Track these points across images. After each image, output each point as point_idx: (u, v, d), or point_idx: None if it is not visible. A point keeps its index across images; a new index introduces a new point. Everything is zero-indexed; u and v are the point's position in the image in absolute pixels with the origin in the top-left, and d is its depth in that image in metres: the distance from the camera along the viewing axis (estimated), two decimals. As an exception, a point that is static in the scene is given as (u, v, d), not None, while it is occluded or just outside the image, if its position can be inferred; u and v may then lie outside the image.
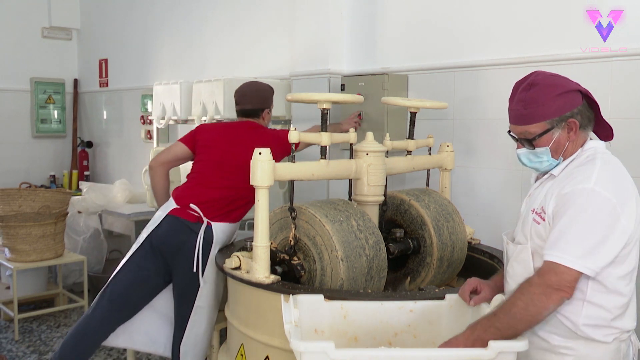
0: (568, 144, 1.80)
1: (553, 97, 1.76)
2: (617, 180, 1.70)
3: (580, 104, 1.78)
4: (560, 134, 1.79)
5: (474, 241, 2.98)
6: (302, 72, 4.03)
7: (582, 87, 1.80)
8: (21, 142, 6.49)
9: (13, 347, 4.15)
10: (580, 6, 2.89)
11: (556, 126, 1.78)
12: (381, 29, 3.80)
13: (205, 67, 5.07)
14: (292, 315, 1.79)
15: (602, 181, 1.65)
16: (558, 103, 1.76)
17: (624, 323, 1.73)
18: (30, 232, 4.35)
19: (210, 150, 3.00)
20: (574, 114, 1.77)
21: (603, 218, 1.63)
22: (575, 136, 1.80)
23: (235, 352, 2.43)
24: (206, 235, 2.82)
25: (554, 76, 1.82)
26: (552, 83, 1.79)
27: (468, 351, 1.69)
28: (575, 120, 1.78)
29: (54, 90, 6.65)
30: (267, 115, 3.19)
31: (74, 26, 6.70)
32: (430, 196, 2.80)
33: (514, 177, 3.17)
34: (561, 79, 1.81)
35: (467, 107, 3.39)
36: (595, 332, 1.70)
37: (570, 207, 1.64)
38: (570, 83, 1.80)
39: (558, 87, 1.77)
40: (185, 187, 2.97)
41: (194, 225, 2.83)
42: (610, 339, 1.71)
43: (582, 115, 1.79)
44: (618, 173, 1.73)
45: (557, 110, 1.77)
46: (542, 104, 1.77)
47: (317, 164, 2.42)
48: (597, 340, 1.70)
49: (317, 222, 2.29)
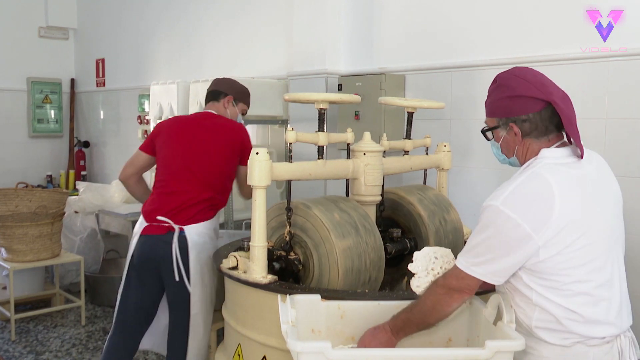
0: (518, 147, 1.80)
1: (502, 98, 1.77)
2: (529, 198, 1.64)
3: (534, 112, 1.72)
4: (506, 135, 1.81)
5: (471, 241, 2.98)
6: (299, 72, 4.03)
7: (553, 96, 1.70)
8: (18, 142, 6.48)
9: (9, 348, 4.14)
10: (580, 6, 2.89)
11: (502, 126, 1.81)
12: (378, 29, 3.80)
13: (202, 66, 5.07)
14: (289, 315, 1.79)
15: (511, 201, 1.63)
16: (505, 104, 1.77)
17: (588, 329, 1.65)
18: (27, 232, 4.34)
19: (166, 153, 2.94)
20: (517, 120, 1.74)
21: (502, 236, 1.64)
22: (522, 141, 1.77)
23: (233, 352, 2.43)
24: (180, 242, 2.78)
25: (515, 77, 1.76)
26: (507, 84, 1.77)
27: (464, 350, 1.70)
28: (516, 126, 1.75)
29: (50, 90, 6.65)
30: (229, 105, 3.07)
31: (70, 26, 6.70)
32: (428, 194, 2.80)
33: (511, 177, 3.18)
34: (521, 82, 1.74)
35: (464, 107, 3.40)
36: (549, 336, 1.67)
37: (479, 220, 1.70)
38: (530, 89, 1.72)
39: (511, 89, 1.75)
40: (151, 200, 2.92)
41: (166, 237, 2.79)
42: (568, 342, 1.66)
43: (531, 123, 1.73)
44: (537, 189, 1.65)
45: (503, 112, 1.78)
46: (492, 102, 1.83)
47: (315, 163, 2.42)
48: (553, 343, 1.67)
49: (311, 216, 2.29)
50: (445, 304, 1.77)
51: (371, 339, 1.86)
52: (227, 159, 2.92)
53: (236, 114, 3.11)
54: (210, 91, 3.11)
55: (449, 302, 1.77)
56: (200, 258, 2.83)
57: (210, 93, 3.11)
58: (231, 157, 2.93)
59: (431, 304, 1.79)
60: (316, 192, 3.73)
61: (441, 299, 1.77)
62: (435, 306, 1.78)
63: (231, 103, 3.08)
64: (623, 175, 2.75)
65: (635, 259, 2.69)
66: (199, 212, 2.84)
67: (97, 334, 4.41)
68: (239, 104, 3.12)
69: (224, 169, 2.92)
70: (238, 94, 3.12)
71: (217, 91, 3.09)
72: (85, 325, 4.55)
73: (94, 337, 4.33)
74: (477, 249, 1.69)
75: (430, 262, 1.97)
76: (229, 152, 2.91)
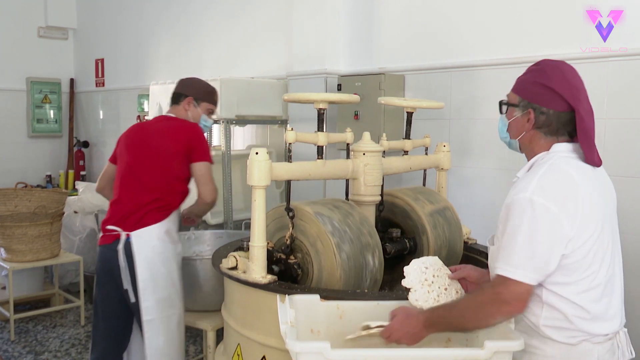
0: (525, 134, 1.79)
1: (535, 81, 1.77)
2: (558, 187, 1.64)
3: (554, 110, 1.73)
4: (520, 117, 1.80)
5: (471, 241, 2.98)
6: (298, 72, 4.03)
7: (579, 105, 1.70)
8: (17, 142, 6.48)
9: (9, 348, 4.14)
10: (580, 6, 2.89)
11: (521, 107, 1.80)
12: (378, 29, 3.80)
13: (201, 66, 5.07)
14: (288, 315, 1.79)
15: (541, 189, 1.62)
16: (534, 89, 1.77)
17: (594, 327, 1.67)
18: (26, 232, 4.34)
19: (119, 162, 2.95)
20: (537, 108, 1.75)
21: (539, 227, 1.60)
22: (531, 130, 1.77)
23: (232, 352, 2.43)
24: (126, 249, 2.77)
25: (558, 70, 1.76)
26: (547, 71, 1.77)
27: (463, 351, 1.70)
28: (533, 114, 1.75)
29: (50, 89, 6.64)
30: (190, 106, 2.98)
31: (70, 26, 6.70)
32: (427, 195, 2.80)
33: (511, 177, 3.15)
34: (560, 76, 1.74)
35: (463, 107, 3.40)
36: (557, 334, 1.68)
37: (510, 217, 1.64)
38: (564, 87, 1.72)
39: (547, 78, 1.75)
40: (107, 212, 2.93)
41: (114, 245, 2.79)
42: (574, 341, 1.67)
43: (547, 118, 1.74)
44: (562, 181, 1.66)
45: (528, 94, 1.78)
46: (524, 80, 1.82)
47: (314, 163, 2.42)
48: (560, 341, 1.68)
49: (312, 220, 2.29)
50: (490, 315, 1.65)
51: (400, 326, 1.79)
52: (169, 159, 2.83)
53: (199, 115, 3.01)
54: (172, 94, 3.04)
55: (494, 315, 1.65)
56: (150, 262, 2.78)
57: (172, 96, 3.04)
58: (175, 156, 2.83)
59: (474, 312, 1.68)
60: (316, 193, 3.73)
61: (486, 310, 1.65)
62: (477, 314, 1.67)
63: (192, 104, 2.98)
64: (623, 175, 2.75)
65: (632, 259, 2.69)
66: (144, 216, 2.80)
67: (96, 334, 4.40)
68: (202, 104, 3.01)
69: (166, 169, 2.83)
70: (199, 94, 3.01)
71: (178, 94, 3.02)
72: (84, 325, 4.55)
73: (93, 337, 4.33)
74: (517, 247, 1.62)
75: (422, 273, 1.94)
76: (172, 151, 2.83)
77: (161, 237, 2.82)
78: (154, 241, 2.79)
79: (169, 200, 2.85)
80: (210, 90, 3.07)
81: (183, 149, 2.83)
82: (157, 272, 2.79)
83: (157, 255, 2.79)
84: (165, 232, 2.83)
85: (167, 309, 2.83)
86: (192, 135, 2.87)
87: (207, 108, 3.04)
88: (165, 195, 2.84)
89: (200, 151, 2.86)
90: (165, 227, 2.84)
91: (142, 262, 2.76)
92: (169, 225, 2.86)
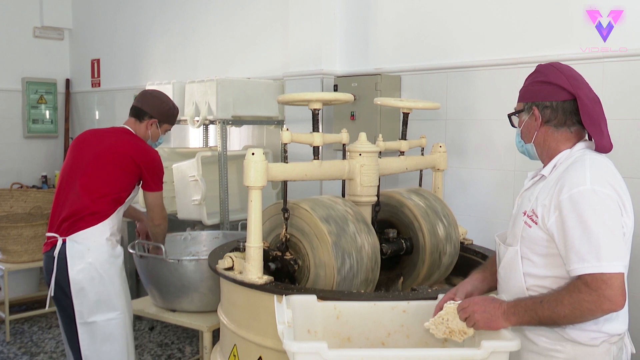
0: (537, 133, 1.82)
1: (533, 82, 1.85)
2: (609, 177, 1.68)
3: (558, 101, 1.77)
4: (528, 120, 1.85)
5: (467, 241, 2.99)
6: (295, 73, 4.03)
7: (580, 92, 1.75)
8: (12, 143, 6.45)
9: (4, 349, 4.13)
10: (580, 6, 2.90)
11: (526, 110, 1.85)
12: (374, 30, 3.80)
13: (197, 66, 5.06)
14: (285, 315, 1.79)
15: (597, 179, 1.64)
16: (533, 88, 1.83)
17: (612, 327, 1.70)
18: (21, 232, 4.33)
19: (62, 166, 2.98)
20: (540, 105, 1.80)
21: (611, 215, 1.61)
22: (542, 127, 1.81)
23: (228, 353, 2.42)
24: (60, 253, 2.80)
25: (551, 67, 1.83)
26: (542, 71, 1.84)
27: (460, 351, 1.70)
28: (537, 110, 1.80)
29: (45, 90, 6.62)
30: (152, 127, 3.02)
31: (66, 26, 6.68)
32: (423, 196, 2.81)
33: (507, 177, 3.19)
34: (555, 71, 1.80)
35: (459, 107, 3.40)
36: (582, 336, 1.69)
37: (577, 213, 1.61)
38: (560, 78, 1.77)
39: (543, 75, 1.82)
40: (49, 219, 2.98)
41: (51, 252, 2.83)
42: (597, 342, 1.69)
43: (552, 110, 1.78)
44: (609, 170, 1.71)
45: (530, 95, 1.84)
46: (525, 86, 1.88)
47: (310, 164, 2.42)
48: (584, 343, 1.69)
49: (308, 217, 2.29)
50: (589, 312, 1.59)
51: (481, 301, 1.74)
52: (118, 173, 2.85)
53: (157, 135, 3.06)
54: (135, 107, 3.02)
55: (594, 312, 1.59)
56: (84, 265, 2.78)
57: (135, 109, 3.02)
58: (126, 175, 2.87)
59: (571, 308, 1.60)
60: (312, 193, 3.72)
61: (585, 307, 1.58)
62: (575, 311, 1.59)
63: (155, 126, 3.02)
64: (625, 176, 2.75)
65: (632, 261, 2.70)
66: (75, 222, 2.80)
67: (92, 335, 4.39)
68: (163, 125, 3.07)
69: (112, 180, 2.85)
70: (163, 116, 3.04)
71: (142, 111, 3.00)
72: (80, 326, 4.54)
73: (89, 338, 4.32)
74: (601, 240, 1.58)
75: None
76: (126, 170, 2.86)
77: (97, 240, 2.82)
78: (88, 244, 2.80)
79: (103, 206, 2.84)
80: (174, 114, 3.11)
81: (137, 172, 2.89)
82: (90, 274, 2.80)
83: (92, 258, 2.80)
84: (99, 235, 2.83)
85: (104, 313, 2.83)
86: (153, 164, 2.93)
87: (166, 129, 3.11)
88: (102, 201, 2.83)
89: (157, 181, 2.96)
90: (100, 230, 2.83)
91: (74, 265, 2.78)
92: (104, 228, 2.84)
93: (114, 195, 2.86)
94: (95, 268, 2.81)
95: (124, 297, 2.91)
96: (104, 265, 2.83)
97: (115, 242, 2.92)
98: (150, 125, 3.01)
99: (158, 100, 3.06)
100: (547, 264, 1.72)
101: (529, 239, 1.75)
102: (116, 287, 2.87)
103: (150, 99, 3.05)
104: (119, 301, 2.88)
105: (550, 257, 1.71)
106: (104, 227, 2.84)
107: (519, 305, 1.68)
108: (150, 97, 3.05)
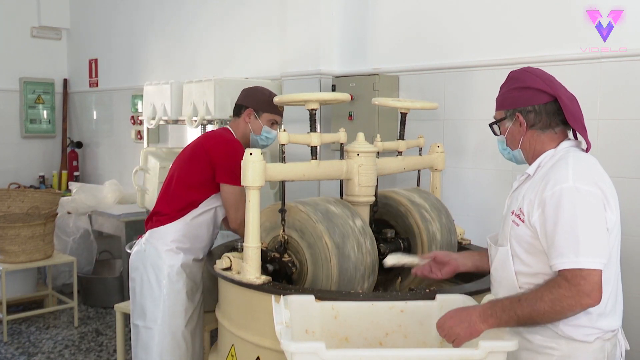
0: (523, 138, 1.85)
1: (510, 89, 1.87)
2: (593, 174, 1.70)
3: (540, 104, 1.80)
4: (512, 126, 1.87)
5: (465, 241, 2.99)
6: (293, 73, 4.03)
7: (559, 92, 1.79)
8: (10, 143, 6.44)
9: (2, 349, 4.12)
10: (580, 6, 2.90)
11: (508, 117, 1.88)
12: (372, 30, 3.80)
13: (195, 66, 5.06)
14: (283, 316, 1.79)
15: (580, 177, 1.66)
16: (512, 96, 1.85)
17: (606, 323, 1.72)
18: (19, 233, 4.33)
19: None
20: (523, 110, 1.82)
21: (592, 212, 1.64)
22: (527, 132, 1.84)
23: (226, 353, 2.42)
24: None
25: (525, 72, 1.87)
26: (517, 77, 1.87)
27: (459, 351, 1.70)
28: (521, 116, 1.83)
29: (43, 90, 6.61)
30: (251, 118, 2.82)
31: (63, 26, 6.67)
32: (421, 196, 2.81)
33: (504, 177, 3.19)
34: (530, 76, 1.84)
35: (457, 107, 3.40)
36: (576, 332, 1.70)
37: (559, 210, 1.64)
38: (537, 81, 1.81)
39: (520, 81, 1.85)
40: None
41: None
42: (591, 338, 1.70)
43: (536, 114, 1.81)
44: (592, 167, 1.74)
45: (510, 103, 1.86)
46: (502, 94, 1.91)
47: (308, 164, 2.42)
48: (578, 340, 1.70)
49: (306, 218, 2.29)
50: (569, 308, 1.61)
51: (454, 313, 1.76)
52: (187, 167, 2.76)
53: (260, 126, 2.83)
54: (234, 106, 2.92)
55: (573, 307, 1.61)
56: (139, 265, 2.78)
57: (234, 108, 2.92)
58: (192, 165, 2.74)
59: (550, 305, 1.62)
60: (310, 193, 3.72)
61: (565, 303, 1.61)
62: (554, 307, 1.62)
63: (252, 116, 2.82)
64: (620, 176, 2.75)
65: (628, 259, 2.70)
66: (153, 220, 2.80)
67: (89, 335, 4.39)
68: (263, 114, 2.82)
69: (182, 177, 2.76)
70: (259, 104, 2.82)
71: (238, 105, 2.88)
72: (78, 327, 4.54)
73: (87, 339, 4.32)
74: (580, 237, 1.61)
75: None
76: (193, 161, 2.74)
77: (154, 242, 2.74)
78: (146, 245, 2.77)
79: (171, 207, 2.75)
80: (269, 100, 2.77)
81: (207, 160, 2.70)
82: (142, 277, 2.76)
83: (148, 260, 2.74)
84: (158, 238, 2.74)
85: (146, 320, 2.75)
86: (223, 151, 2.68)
87: (268, 119, 2.84)
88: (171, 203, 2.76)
89: (227, 171, 2.66)
90: (160, 234, 2.74)
91: (133, 262, 2.81)
92: (165, 231, 2.73)
93: (187, 199, 2.73)
94: (147, 272, 2.73)
95: (168, 311, 2.73)
96: (157, 270, 2.72)
97: (175, 250, 2.73)
98: (248, 117, 2.82)
99: (252, 89, 2.90)
100: (537, 261, 1.74)
101: (517, 238, 1.77)
102: (164, 298, 2.71)
103: (245, 91, 2.91)
104: (162, 313, 2.72)
105: (539, 254, 1.73)
106: (165, 230, 2.72)
107: (495, 306, 1.71)
108: (245, 90, 2.91)
